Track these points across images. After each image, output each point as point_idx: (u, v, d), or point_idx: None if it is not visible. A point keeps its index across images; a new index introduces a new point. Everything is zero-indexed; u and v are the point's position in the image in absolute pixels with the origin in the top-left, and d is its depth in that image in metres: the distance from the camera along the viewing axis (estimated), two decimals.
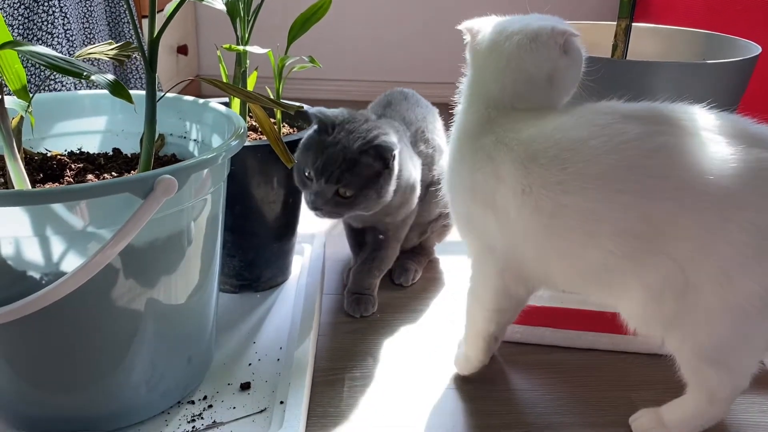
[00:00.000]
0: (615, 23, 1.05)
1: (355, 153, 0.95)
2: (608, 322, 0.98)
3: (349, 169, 0.94)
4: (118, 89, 0.63)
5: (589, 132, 0.73)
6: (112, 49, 0.75)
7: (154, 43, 0.72)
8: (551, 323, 0.99)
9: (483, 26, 0.83)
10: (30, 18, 1.28)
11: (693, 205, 0.69)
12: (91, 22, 1.46)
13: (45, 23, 1.28)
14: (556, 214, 0.73)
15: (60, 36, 1.29)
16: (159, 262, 0.72)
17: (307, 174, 0.97)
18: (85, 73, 0.62)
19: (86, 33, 1.45)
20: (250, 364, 0.90)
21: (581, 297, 0.97)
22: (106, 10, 1.56)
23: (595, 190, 0.71)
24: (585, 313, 0.98)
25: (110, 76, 0.64)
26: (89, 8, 1.46)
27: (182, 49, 2.13)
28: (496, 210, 0.78)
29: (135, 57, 0.76)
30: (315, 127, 0.98)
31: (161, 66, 1.95)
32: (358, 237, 1.18)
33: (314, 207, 0.97)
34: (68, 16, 1.32)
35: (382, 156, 0.96)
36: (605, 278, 0.76)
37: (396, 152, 0.96)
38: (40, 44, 1.27)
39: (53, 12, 1.28)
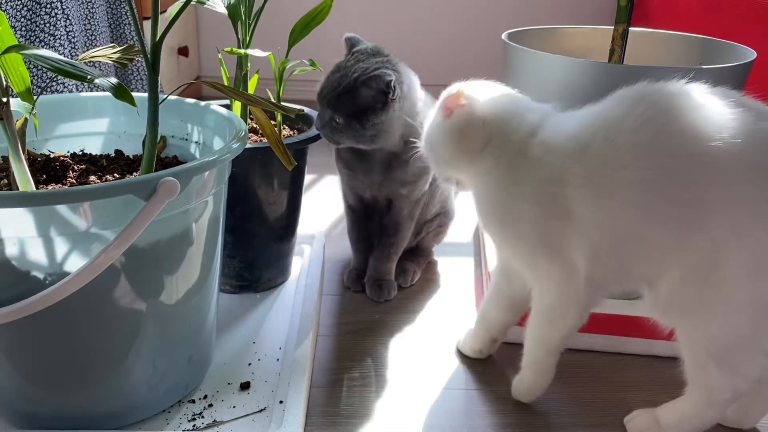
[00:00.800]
0: (612, 27, 1.06)
1: (353, 83, 0.97)
2: (604, 324, 0.99)
3: (342, 96, 0.97)
4: (121, 92, 0.64)
5: (630, 104, 0.74)
6: (115, 53, 0.76)
7: (157, 46, 0.73)
8: None
9: (481, 93, 0.83)
10: (33, 20, 1.29)
11: (737, 176, 0.69)
12: (92, 24, 1.47)
13: (47, 25, 1.29)
14: (618, 194, 0.74)
15: (62, 38, 1.30)
16: (161, 262, 0.73)
17: None
18: (89, 77, 0.63)
19: (88, 35, 1.46)
20: (249, 364, 0.91)
21: None
22: (107, 12, 1.57)
23: (645, 158, 0.72)
24: None
25: (113, 80, 0.65)
26: (91, 10, 1.47)
27: (183, 51, 2.14)
28: (571, 217, 0.76)
29: (136, 59, 0.77)
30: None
31: (162, 67, 1.95)
32: (362, 235, 1.19)
33: (316, 127, 1.02)
34: (70, 18, 1.33)
35: (379, 88, 0.96)
36: (659, 258, 0.76)
37: (394, 83, 0.96)
38: (43, 46, 1.28)
39: (56, 14, 1.29)
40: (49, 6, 1.29)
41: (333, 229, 1.41)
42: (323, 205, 1.50)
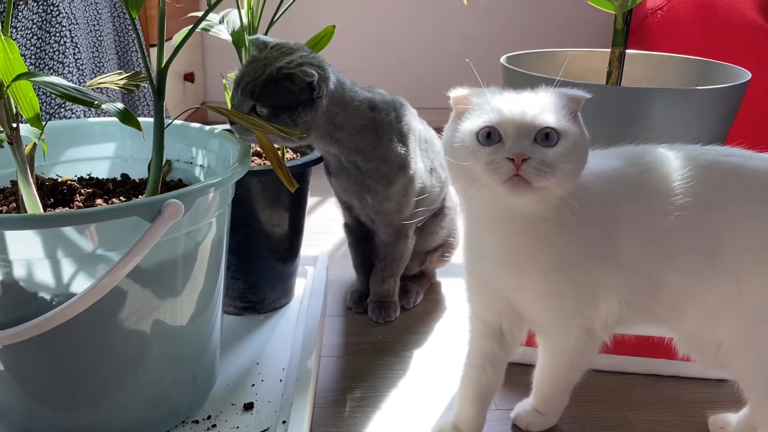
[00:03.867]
0: (604, 50, 1.08)
1: (276, 73, 0.91)
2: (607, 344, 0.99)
3: (267, 86, 0.91)
4: (128, 117, 0.66)
5: (659, 155, 0.77)
6: (121, 79, 0.78)
7: (163, 72, 0.75)
8: None
9: None
10: (42, 48, 1.31)
11: (747, 215, 0.73)
12: (100, 51, 1.50)
13: (56, 53, 1.32)
14: (659, 241, 0.75)
15: (71, 65, 1.33)
16: (165, 283, 0.74)
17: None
18: (96, 102, 0.65)
19: (96, 62, 1.49)
20: (253, 385, 0.92)
21: None
22: (115, 40, 1.61)
23: (673, 206, 0.74)
24: None
25: (120, 105, 0.67)
26: (99, 38, 1.50)
27: (189, 77, 2.18)
28: (618, 260, 0.76)
29: (143, 85, 0.79)
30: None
31: (169, 93, 1.99)
32: (362, 256, 1.20)
33: (231, 121, 0.93)
34: (78, 45, 1.36)
35: (302, 85, 0.92)
36: (680, 302, 0.77)
37: (317, 82, 0.92)
38: (52, 73, 1.31)
39: (64, 42, 1.32)
40: (58, 34, 1.32)
41: (336, 251, 1.42)
42: (327, 226, 1.52)
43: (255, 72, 0.92)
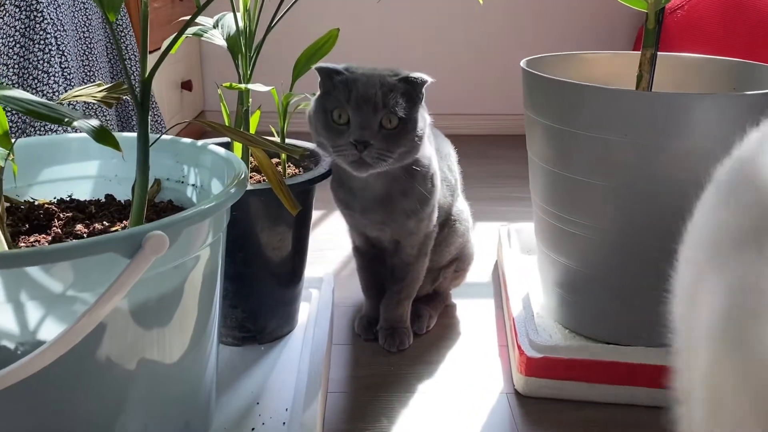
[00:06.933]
0: (633, 53, 0.99)
1: (392, 79, 0.90)
2: (646, 376, 0.90)
3: (391, 93, 0.88)
4: (103, 136, 0.57)
5: None
6: (100, 91, 0.69)
7: (147, 83, 0.66)
8: (583, 377, 0.91)
9: None
10: (26, 57, 1.23)
11: None
12: (91, 59, 1.42)
13: (41, 62, 1.23)
14: None
15: (56, 74, 1.24)
16: (150, 323, 0.65)
17: (336, 118, 0.89)
18: (66, 119, 0.56)
19: (86, 71, 1.40)
20: (253, 429, 0.83)
21: (616, 348, 0.89)
22: (106, 47, 1.52)
23: None
24: (620, 365, 0.90)
25: (94, 122, 0.58)
26: (89, 45, 1.41)
27: (186, 85, 2.09)
28: None
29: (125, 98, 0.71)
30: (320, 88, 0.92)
31: (165, 102, 1.90)
32: (372, 280, 1.11)
33: (363, 145, 0.86)
34: (66, 53, 1.28)
35: (416, 88, 0.91)
36: None
37: (428, 81, 0.91)
38: (36, 83, 1.22)
39: (49, 50, 1.24)
40: (42, 42, 1.23)
41: (342, 269, 1.33)
42: (331, 242, 1.43)
43: (371, 83, 0.88)
